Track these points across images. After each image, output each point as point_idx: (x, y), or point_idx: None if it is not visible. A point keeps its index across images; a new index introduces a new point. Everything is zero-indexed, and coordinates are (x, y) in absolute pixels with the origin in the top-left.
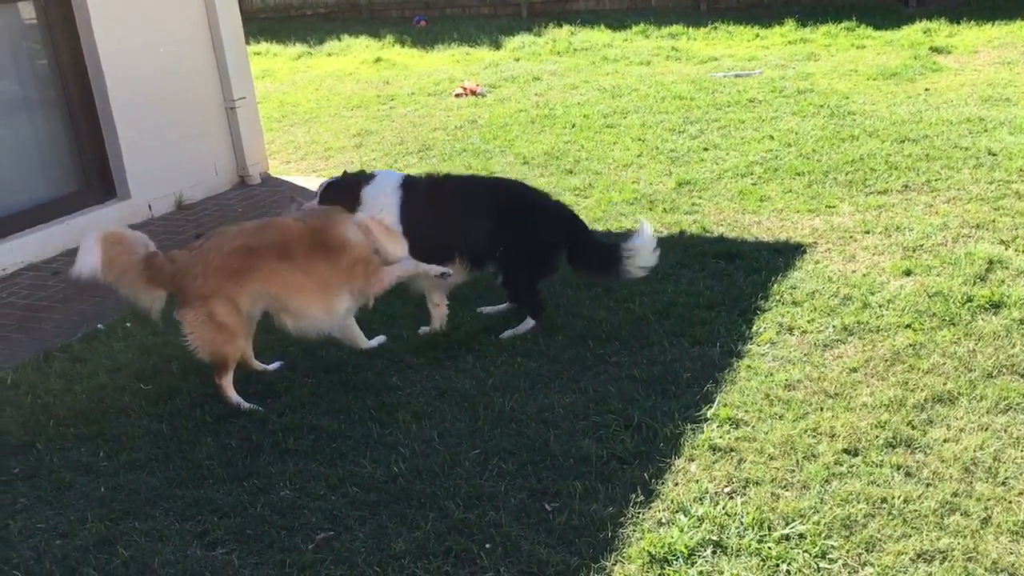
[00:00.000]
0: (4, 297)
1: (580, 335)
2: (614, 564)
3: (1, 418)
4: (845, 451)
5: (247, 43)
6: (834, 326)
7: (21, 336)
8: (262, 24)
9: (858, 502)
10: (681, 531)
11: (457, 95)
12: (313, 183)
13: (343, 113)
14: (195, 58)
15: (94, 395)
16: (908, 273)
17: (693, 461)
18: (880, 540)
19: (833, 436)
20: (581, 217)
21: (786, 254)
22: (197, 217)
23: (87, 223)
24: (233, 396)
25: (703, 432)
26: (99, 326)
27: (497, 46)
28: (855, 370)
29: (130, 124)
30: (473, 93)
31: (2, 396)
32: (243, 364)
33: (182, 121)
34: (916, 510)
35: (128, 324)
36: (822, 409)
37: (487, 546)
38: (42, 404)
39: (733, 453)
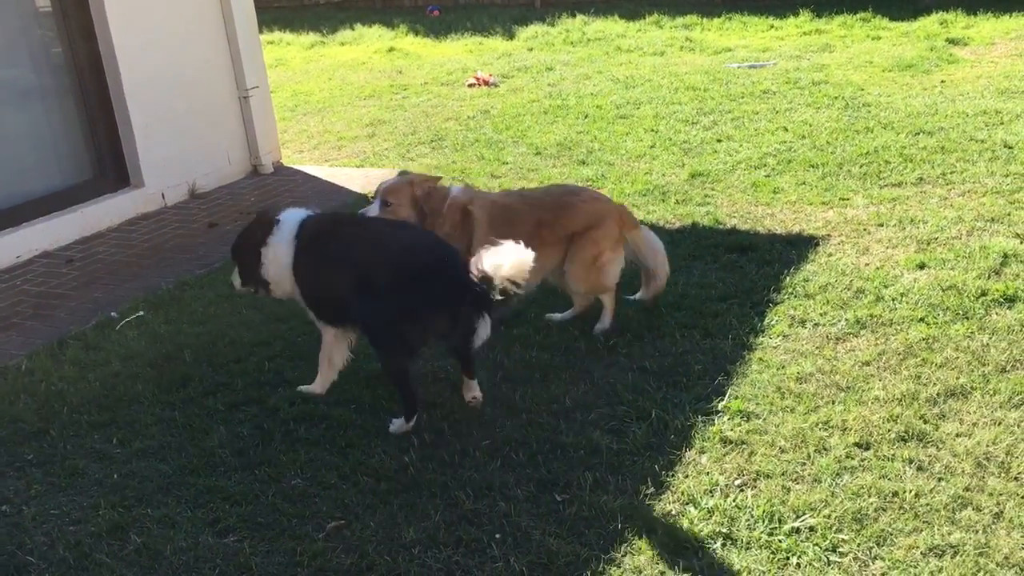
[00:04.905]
0: (18, 285)
1: (592, 326)
2: (624, 555)
3: (15, 405)
4: (857, 445)
5: (260, 32)
6: (847, 319)
7: (35, 324)
8: (275, 13)
9: (869, 496)
10: (691, 523)
11: (470, 85)
12: (326, 172)
13: (356, 103)
14: (209, 47)
15: (107, 383)
16: (922, 266)
17: (704, 453)
18: (891, 534)
19: (845, 429)
20: None
21: (799, 246)
22: (210, 206)
23: (101, 211)
24: None
25: (714, 424)
26: (112, 314)
27: (510, 36)
28: (867, 363)
29: (144, 113)
30: (486, 83)
31: (16, 383)
32: None
33: (195, 110)
34: (928, 504)
35: (140, 313)
36: (834, 402)
37: (497, 536)
38: (56, 391)
39: (744, 446)
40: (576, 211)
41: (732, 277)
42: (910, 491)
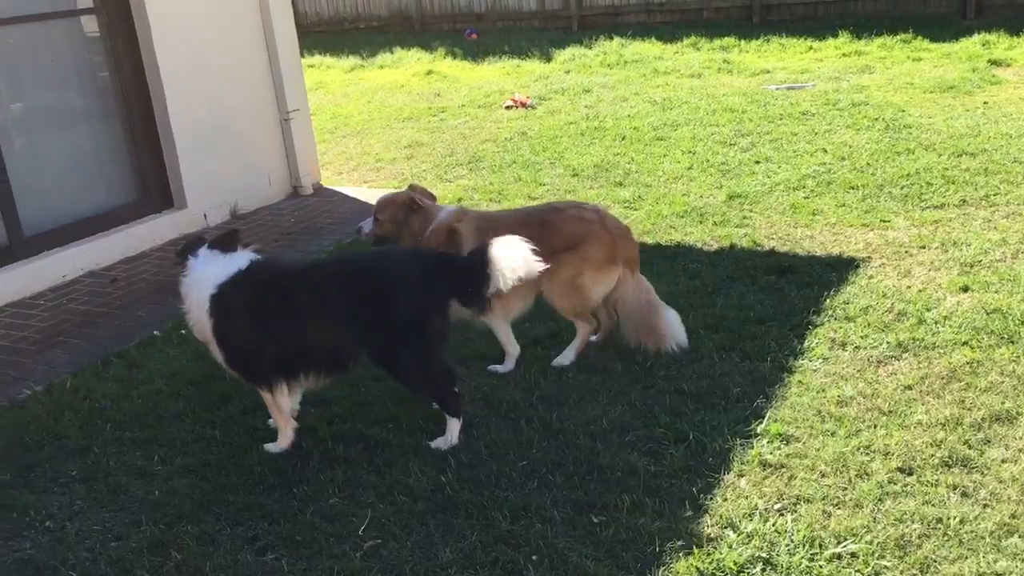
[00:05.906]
0: (64, 303)
1: (629, 348)
2: None
3: (60, 422)
4: (899, 470)
5: (301, 56)
6: (888, 342)
7: (80, 342)
8: (316, 37)
9: (912, 522)
10: (730, 547)
11: (507, 107)
12: (364, 194)
13: (394, 125)
14: (251, 70)
15: (149, 400)
16: (965, 289)
17: (743, 477)
18: (935, 561)
19: (887, 454)
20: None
21: (839, 268)
22: (251, 227)
23: (145, 232)
24: None
25: (753, 448)
26: (155, 333)
27: (547, 58)
28: (910, 387)
29: (187, 135)
30: (523, 105)
31: (61, 400)
32: None
33: (237, 132)
34: (972, 531)
35: (183, 331)
36: (875, 426)
37: (534, 558)
38: (99, 408)
39: (784, 469)
40: (554, 230)
41: (771, 299)
42: (954, 517)
